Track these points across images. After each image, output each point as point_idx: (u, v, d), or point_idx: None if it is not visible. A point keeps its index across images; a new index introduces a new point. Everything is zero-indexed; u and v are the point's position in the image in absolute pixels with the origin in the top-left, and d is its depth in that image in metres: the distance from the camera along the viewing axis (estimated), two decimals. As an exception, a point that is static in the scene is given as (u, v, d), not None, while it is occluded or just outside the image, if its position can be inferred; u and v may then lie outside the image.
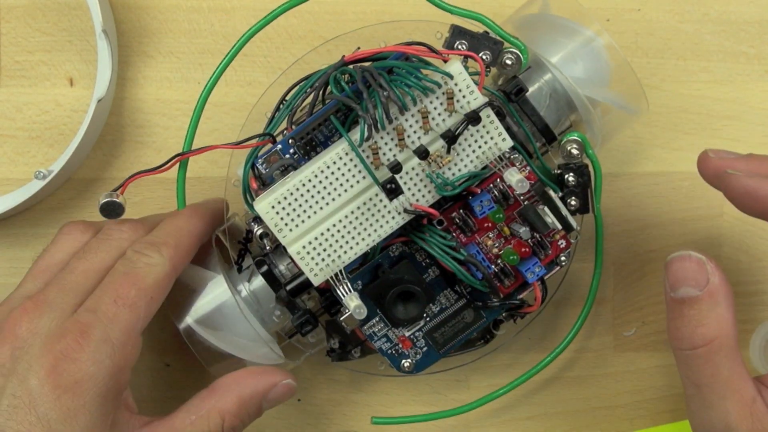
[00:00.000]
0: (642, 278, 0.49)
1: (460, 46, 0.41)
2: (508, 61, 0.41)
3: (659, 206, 0.49)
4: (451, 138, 0.38)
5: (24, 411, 0.35)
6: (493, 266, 0.41)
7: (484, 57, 0.41)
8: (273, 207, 0.38)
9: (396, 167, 0.37)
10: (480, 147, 0.39)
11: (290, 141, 0.39)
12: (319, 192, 0.38)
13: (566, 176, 0.42)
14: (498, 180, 0.40)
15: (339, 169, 0.38)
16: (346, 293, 0.39)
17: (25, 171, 0.48)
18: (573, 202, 0.42)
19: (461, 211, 0.40)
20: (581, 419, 0.50)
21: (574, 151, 0.42)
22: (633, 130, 0.48)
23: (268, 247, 0.40)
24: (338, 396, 0.49)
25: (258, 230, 0.40)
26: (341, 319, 0.39)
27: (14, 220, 0.48)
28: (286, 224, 0.38)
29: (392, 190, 0.38)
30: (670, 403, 0.49)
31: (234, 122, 0.48)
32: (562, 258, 0.41)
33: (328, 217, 0.38)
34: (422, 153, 0.38)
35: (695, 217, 0.49)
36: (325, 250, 0.38)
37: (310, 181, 0.38)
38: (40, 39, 0.48)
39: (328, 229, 0.38)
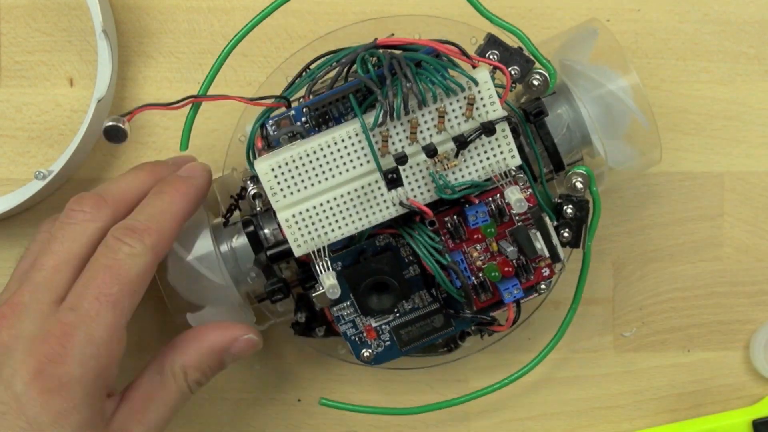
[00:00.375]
0: (642, 278, 0.49)
1: (491, 56, 0.41)
2: (535, 82, 0.41)
3: (659, 206, 0.49)
4: (462, 143, 0.38)
5: (13, 416, 0.34)
6: (473, 278, 0.40)
7: (512, 72, 0.41)
8: (273, 170, 0.38)
9: (402, 159, 0.37)
10: (488, 158, 0.39)
11: (305, 109, 0.39)
12: (321, 165, 0.38)
13: (565, 207, 0.42)
14: (498, 195, 0.40)
15: (346, 147, 0.38)
16: (324, 270, 0.39)
17: (25, 171, 0.48)
18: (566, 234, 0.42)
19: (455, 216, 0.40)
20: (581, 419, 0.50)
21: (579, 185, 0.42)
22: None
23: (258, 209, 0.41)
24: (338, 396, 0.49)
25: (252, 190, 0.40)
26: (313, 295, 0.39)
27: (14, 220, 0.48)
28: (281, 189, 0.38)
29: (393, 180, 0.38)
30: (670, 403, 0.49)
31: (233, 122, 0.48)
32: (542, 286, 0.41)
33: (324, 192, 0.38)
34: (431, 151, 0.38)
35: (695, 217, 0.49)
36: (313, 223, 0.38)
37: (315, 152, 0.38)
38: (40, 39, 0.48)
39: (321, 204, 0.38)
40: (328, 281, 0.38)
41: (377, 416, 0.49)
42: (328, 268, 0.39)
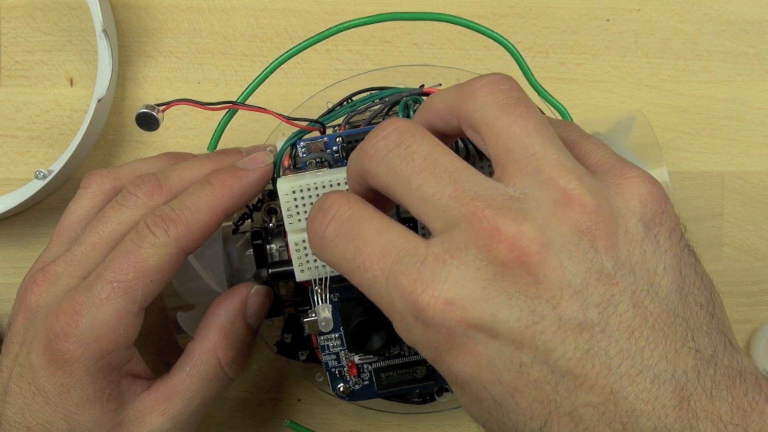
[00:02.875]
0: (642, 278, 0.49)
1: None
2: None
3: (659, 206, 0.49)
4: None
5: (27, 381, 0.36)
6: None
7: None
8: (294, 192, 0.37)
9: None
10: None
11: (338, 139, 0.39)
12: None
13: None
14: None
15: None
16: (322, 302, 0.38)
17: (25, 171, 0.48)
18: None
19: None
20: (581, 419, 0.49)
21: None
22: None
23: (270, 224, 0.41)
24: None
25: (268, 204, 0.41)
26: (305, 321, 0.39)
27: (14, 220, 0.48)
28: (297, 213, 0.38)
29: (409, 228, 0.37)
30: (670, 403, 0.49)
31: (233, 122, 0.48)
32: None
33: None
34: None
35: (695, 217, 0.49)
36: None
37: (339, 185, 0.37)
38: (40, 39, 0.48)
39: None
40: (323, 314, 0.38)
41: (377, 416, 0.49)
42: (326, 300, 0.38)
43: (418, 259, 0.29)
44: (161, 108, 0.39)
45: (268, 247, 0.41)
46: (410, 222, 0.37)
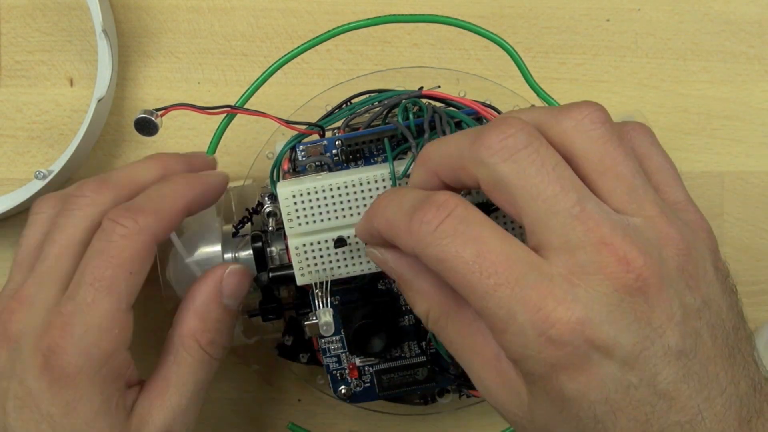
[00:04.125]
0: (642, 278, 0.49)
1: None
2: None
3: (659, 206, 0.49)
4: (485, 211, 0.37)
5: (29, 410, 0.35)
6: None
7: None
8: (294, 195, 0.37)
9: None
10: (506, 229, 0.38)
11: (337, 142, 0.39)
12: (342, 203, 0.37)
13: None
14: None
15: (370, 190, 0.37)
16: (322, 305, 0.38)
17: (25, 171, 0.48)
18: None
19: None
20: (581, 419, 0.49)
21: None
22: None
23: (270, 227, 0.41)
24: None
25: (268, 207, 0.40)
26: (306, 323, 0.39)
27: (14, 220, 0.48)
28: (298, 217, 0.38)
29: None
30: (670, 403, 0.49)
31: (234, 122, 0.48)
32: None
33: (340, 229, 0.38)
34: None
35: (695, 217, 0.49)
36: (322, 257, 0.38)
37: (339, 188, 0.37)
38: (40, 39, 0.48)
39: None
40: (324, 318, 0.38)
41: (377, 417, 0.49)
42: (327, 304, 0.38)
43: (545, 276, 0.29)
44: (159, 113, 0.39)
45: (268, 250, 0.41)
46: None
